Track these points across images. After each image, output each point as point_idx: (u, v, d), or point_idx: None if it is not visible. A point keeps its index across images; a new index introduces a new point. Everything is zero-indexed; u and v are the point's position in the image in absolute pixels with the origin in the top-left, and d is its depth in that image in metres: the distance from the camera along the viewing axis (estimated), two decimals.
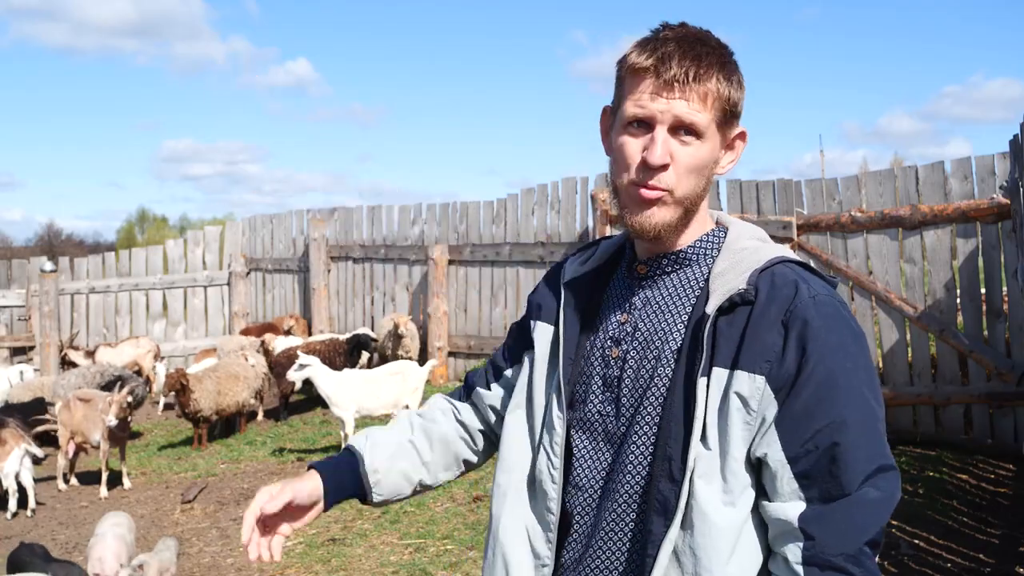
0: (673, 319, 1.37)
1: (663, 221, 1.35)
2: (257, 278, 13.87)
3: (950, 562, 4.64)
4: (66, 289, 12.77)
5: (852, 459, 1.21)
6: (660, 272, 1.42)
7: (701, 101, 1.31)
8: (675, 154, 1.32)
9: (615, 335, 1.42)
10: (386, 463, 1.61)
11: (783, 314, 1.26)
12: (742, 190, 7.84)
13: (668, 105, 1.30)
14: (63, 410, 7.80)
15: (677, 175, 1.32)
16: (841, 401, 1.22)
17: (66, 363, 11.28)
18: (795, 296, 1.28)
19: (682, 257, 1.41)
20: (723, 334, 1.29)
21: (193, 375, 9.03)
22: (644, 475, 1.33)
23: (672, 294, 1.40)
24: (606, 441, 1.39)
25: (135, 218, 42.88)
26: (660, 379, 1.34)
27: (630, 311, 1.42)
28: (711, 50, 1.32)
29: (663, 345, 1.36)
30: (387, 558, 5.29)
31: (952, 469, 6.12)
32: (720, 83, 1.32)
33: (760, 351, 1.25)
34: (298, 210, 13.33)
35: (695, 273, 1.40)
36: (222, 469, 8.10)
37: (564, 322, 1.47)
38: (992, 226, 6.46)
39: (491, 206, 10.61)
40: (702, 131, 1.32)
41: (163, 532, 6.30)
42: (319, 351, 9.71)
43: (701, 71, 1.30)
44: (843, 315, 1.29)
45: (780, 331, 1.26)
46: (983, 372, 6.52)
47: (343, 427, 7.97)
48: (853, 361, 1.25)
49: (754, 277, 1.31)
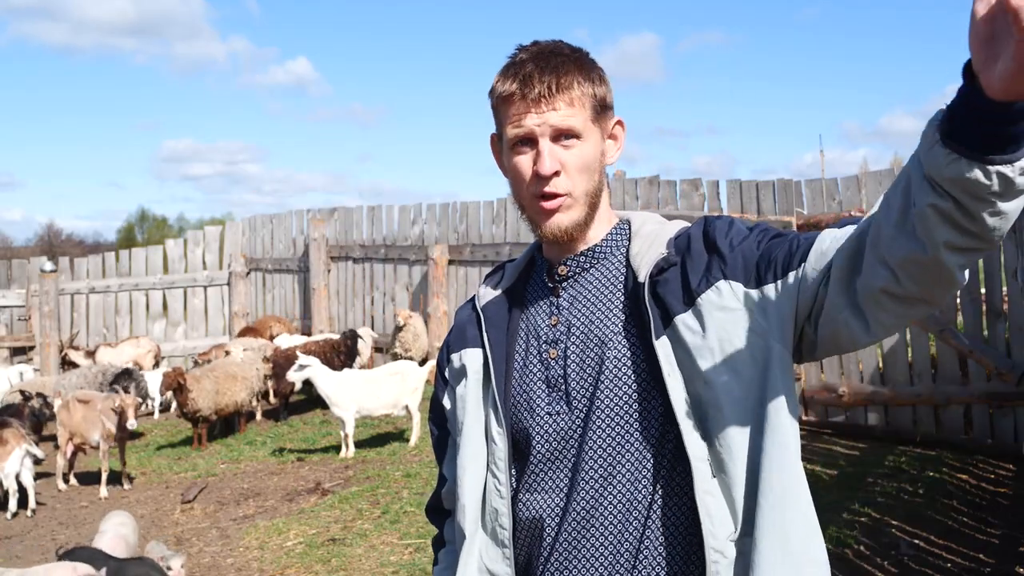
0: (607, 304, 1.45)
1: (572, 221, 1.45)
2: (257, 278, 13.87)
3: (950, 562, 4.64)
4: (66, 289, 12.78)
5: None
6: (579, 269, 1.50)
7: (569, 106, 1.41)
8: (563, 159, 1.42)
9: (548, 337, 1.48)
10: None
11: (700, 245, 1.41)
12: (742, 190, 7.84)
13: (542, 119, 1.41)
14: (62, 410, 7.80)
15: (570, 177, 1.43)
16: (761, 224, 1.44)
17: (66, 363, 11.28)
18: (702, 227, 1.44)
19: (597, 252, 1.50)
20: (664, 293, 1.38)
21: (191, 375, 9.04)
22: (617, 450, 1.38)
23: (598, 285, 1.48)
24: (562, 439, 1.43)
25: (135, 218, 42.84)
26: (612, 360, 1.41)
27: (558, 313, 1.49)
28: (565, 58, 1.43)
29: (604, 329, 1.43)
30: (387, 558, 5.29)
31: (952, 469, 6.12)
32: (582, 84, 1.42)
33: (704, 272, 1.37)
34: (298, 210, 13.36)
35: (613, 262, 1.49)
36: (222, 469, 8.10)
37: (490, 342, 1.51)
38: None
39: (491, 206, 10.62)
40: (579, 132, 1.42)
41: (163, 532, 6.31)
42: (315, 351, 9.71)
43: (561, 80, 1.40)
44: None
45: (705, 251, 1.40)
46: (983, 372, 6.52)
47: (343, 427, 7.98)
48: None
49: (671, 244, 1.43)
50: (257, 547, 5.81)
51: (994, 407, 6.49)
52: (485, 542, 1.47)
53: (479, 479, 1.47)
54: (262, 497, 7.05)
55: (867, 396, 6.93)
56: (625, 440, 1.38)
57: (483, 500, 1.47)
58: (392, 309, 11.57)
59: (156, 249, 13.90)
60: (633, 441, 1.38)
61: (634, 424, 1.38)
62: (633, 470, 1.38)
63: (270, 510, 6.65)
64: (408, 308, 11.32)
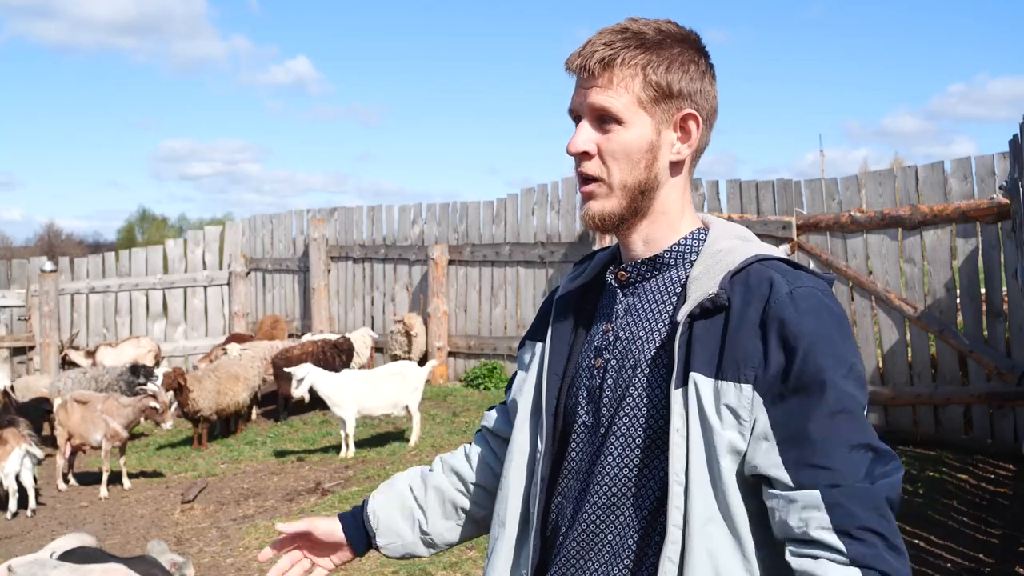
0: (651, 326, 1.35)
1: (603, 211, 1.35)
2: (257, 278, 13.87)
3: (950, 562, 4.64)
4: (66, 289, 12.77)
5: (849, 456, 1.17)
6: (640, 278, 1.39)
7: (609, 86, 1.31)
8: (599, 143, 1.33)
9: (599, 345, 1.40)
10: (384, 507, 1.65)
11: (760, 315, 1.22)
12: (742, 190, 7.85)
13: (584, 95, 1.33)
14: (60, 411, 7.81)
15: (605, 163, 1.33)
16: (831, 399, 1.18)
17: (66, 363, 11.28)
18: (770, 294, 1.23)
19: (660, 262, 1.38)
20: (700, 341, 1.25)
21: (192, 375, 9.04)
22: (619, 485, 1.32)
23: (651, 300, 1.37)
24: (588, 452, 1.38)
25: (135, 218, 42.88)
26: (636, 389, 1.32)
27: (613, 320, 1.40)
28: (631, 35, 1.32)
29: (639, 354, 1.33)
30: (387, 558, 5.29)
31: (952, 469, 6.12)
32: (632, 65, 1.31)
33: (743, 358, 1.22)
34: (298, 210, 13.36)
35: (673, 277, 1.36)
36: (222, 469, 8.10)
37: (551, 337, 1.46)
38: (992, 226, 6.46)
39: (491, 206, 10.62)
40: (619, 115, 1.31)
41: (163, 532, 6.30)
42: (312, 352, 9.72)
43: (610, 57, 1.31)
44: (824, 304, 1.24)
45: (759, 334, 1.22)
46: (983, 372, 6.52)
47: (344, 427, 7.97)
48: (836, 352, 1.20)
49: (726, 280, 1.27)
50: (257, 547, 5.80)
51: (994, 407, 6.50)
52: (517, 538, 1.45)
53: (522, 474, 1.46)
54: (262, 497, 7.05)
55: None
56: (625, 478, 1.32)
57: (525, 495, 1.45)
58: (392, 309, 11.59)
59: (156, 249, 13.89)
60: (632, 481, 1.32)
61: (634, 467, 1.31)
62: (630, 510, 1.32)
63: (270, 510, 6.65)
64: (408, 308, 11.33)
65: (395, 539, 1.64)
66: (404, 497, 1.66)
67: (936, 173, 6.84)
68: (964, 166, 6.74)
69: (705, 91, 1.35)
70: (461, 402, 9.61)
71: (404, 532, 1.64)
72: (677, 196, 1.37)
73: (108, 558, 4.31)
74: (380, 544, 1.64)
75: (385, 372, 8.31)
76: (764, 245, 1.36)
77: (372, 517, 1.64)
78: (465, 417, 8.87)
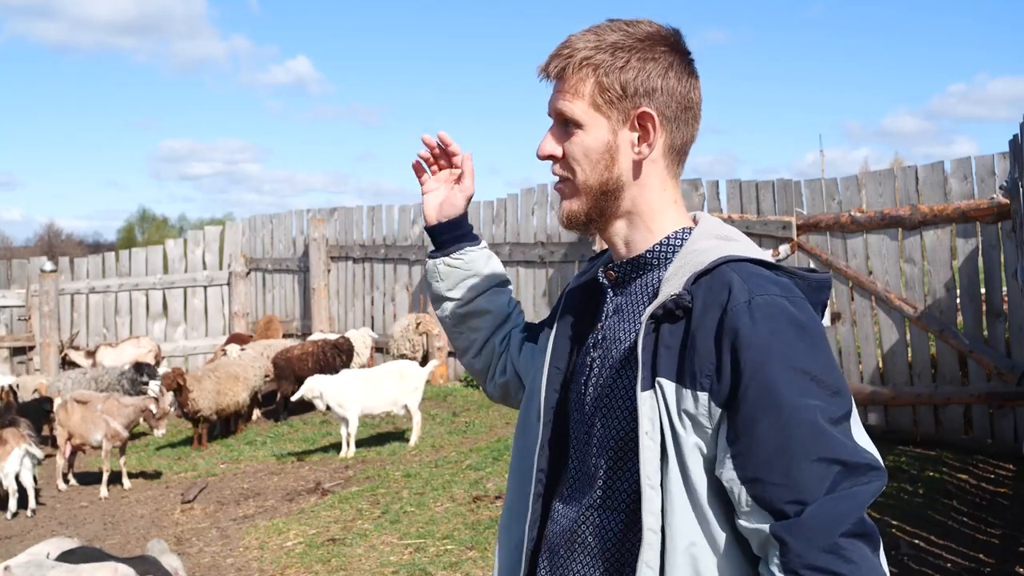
0: (629, 327, 1.34)
1: (571, 211, 1.39)
2: (257, 278, 13.88)
3: (950, 562, 4.64)
4: (66, 289, 12.78)
5: (808, 471, 1.14)
6: (627, 278, 1.40)
7: (572, 92, 1.34)
8: (565, 146, 1.36)
9: (591, 342, 1.41)
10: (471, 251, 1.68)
11: (716, 323, 1.20)
12: (742, 190, 7.84)
13: (550, 100, 1.38)
14: (61, 411, 7.81)
15: (570, 165, 1.36)
16: (785, 414, 1.15)
17: (66, 363, 11.29)
18: (728, 300, 1.20)
19: (643, 262, 1.37)
20: (666, 344, 1.24)
21: (192, 375, 9.04)
22: (595, 488, 1.33)
23: (633, 301, 1.37)
24: (579, 449, 1.39)
25: (135, 218, 42.85)
26: (611, 390, 1.33)
27: (603, 319, 1.41)
28: (591, 39, 1.34)
29: (617, 354, 1.34)
30: (387, 558, 5.29)
31: (952, 469, 6.12)
32: (587, 68, 1.33)
33: (700, 367, 1.20)
34: (298, 210, 13.36)
35: (653, 278, 1.36)
36: (222, 469, 8.10)
37: (556, 332, 1.48)
38: (992, 226, 6.46)
39: (491, 206, 10.61)
40: (577, 119, 1.34)
41: (163, 532, 6.30)
42: (311, 352, 9.72)
43: (565, 63, 1.35)
44: (784, 313, 1.19)
45: (715, 343, 1.20)
46: (983, 372, 6.52)
47: (346, 426, 7.98)
48: (793, 364, 1.17)
49: (690, 282, 1.25)
50: (257, 547, 5.80)
51: (994, 407, 6.50)
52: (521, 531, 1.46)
53: (524, 466, 1.47)
54: (262, 497, 7.05)
55: (867, 396, 6.92)
56: (601, 479, 1.32)
57: (527, 488, 1.46)
58: (392, 309, 11.58)
59: (156, 249, 13.90)
60: (607, 483, 1.32)
61: (609, 468, 1.31)
62: (607, 512, 1.32)
63: (270, 510, 6.65)
64: (408, 308, 11.33)
65: (459, 269, 1.66)
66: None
67: (936, 173, 6.84)
68: (964, 166, 6.73)
69: (668, 88, 1.33)
70: (461, 402, 9.61)
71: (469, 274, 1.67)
72: (651, 196, 1.36)
73: (108, 558, 4.31)
74: (450, 263, 1.65)
75: (385, 371, 8.32)
76: (746, 245, 1.32)
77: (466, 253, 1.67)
78: (465, 417, 8.87)
